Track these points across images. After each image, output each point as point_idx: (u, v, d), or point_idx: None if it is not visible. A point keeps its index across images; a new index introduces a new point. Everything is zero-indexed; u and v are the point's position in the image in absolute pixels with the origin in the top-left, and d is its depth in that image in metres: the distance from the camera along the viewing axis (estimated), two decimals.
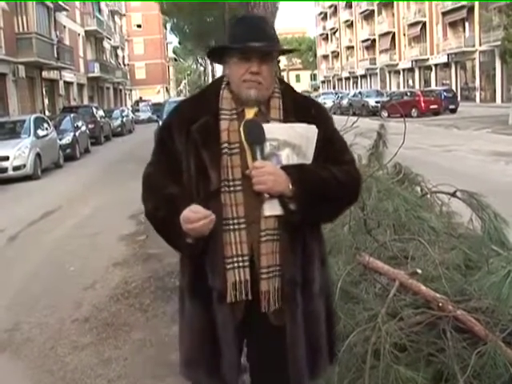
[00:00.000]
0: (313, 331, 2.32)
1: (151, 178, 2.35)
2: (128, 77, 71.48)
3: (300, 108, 2.32)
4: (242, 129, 2.23)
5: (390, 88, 62.47)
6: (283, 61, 79.66)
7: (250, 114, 2.29)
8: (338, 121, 2.94)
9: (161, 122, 2.80)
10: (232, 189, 2.21)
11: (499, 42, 31.28)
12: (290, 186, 2.17)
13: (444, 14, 51.93)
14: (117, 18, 69.23)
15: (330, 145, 2.32)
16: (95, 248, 8.45)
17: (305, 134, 2.24)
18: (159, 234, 2.37)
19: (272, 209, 2.21)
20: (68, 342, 5.02)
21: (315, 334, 2.33)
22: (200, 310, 2.30)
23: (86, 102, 45.15)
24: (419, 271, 3.25)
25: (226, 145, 2.23)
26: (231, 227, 2.22)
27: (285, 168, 2.20)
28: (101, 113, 33.18)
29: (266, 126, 2.21)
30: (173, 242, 2.31)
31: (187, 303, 2.38)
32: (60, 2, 36.66)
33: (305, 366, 2.29)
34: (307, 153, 2.25)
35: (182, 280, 2.43)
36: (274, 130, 2.22)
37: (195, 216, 2.12)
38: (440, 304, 3.02)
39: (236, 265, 2.22)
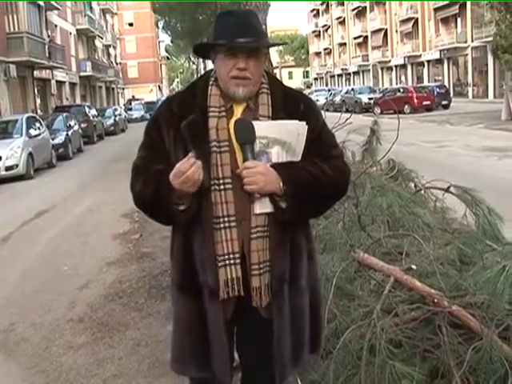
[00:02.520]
0: (298, 325, 2.34)
1: (139, 167, 2.33)
2: (120, 75, 71.26)
3: (289, 103, 2.31)
4: (232, 129, 2.22)
5: (383, 84, 62.54)
6: (276, 58, 79.73)
7: (238, 110, 2.28)
8: (331, 118, 2.94)
9: None
10: (222, 187, 2.21)
11: (491, 38, 31.30)
12: (281, 185, 2.18)
13: (436, 10, 51.98)
14: (108, 17, 68.97)
15: (319, 140, 2.32)
16: (89, 247, 8.42)
17: (295, 131, 2.23)
18: (151, 212, 2.34)
19: (263, 206, 2.21)
20: (63, 342, 5.00)
21: (300, 328, 2.36)
22: (190, 306, 2.31)
23: (78, 101, 45.00)
24: (414, 267, 3.25)
25: (215, 143, 2.22)
26: (222, 225, 2.22)
27: (275, 166, 2.20)
28: (93, 112, 33.09)
29: (255, 123, 2.21)
30: (165, 215, 2.27)
31: (177, 299, 2.39)
32: (51, 1, 36.47)
33: (289, 358, 2.32)
34: (297, 149, 2.25)
35: (173, 277, 2.44)
36: (264, 128, 2.21)
37: (184, 165, 2.09)
38: (435, 300, 3.01)
39: (227, 262, 2.23)
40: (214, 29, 2.28)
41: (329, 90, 56.84)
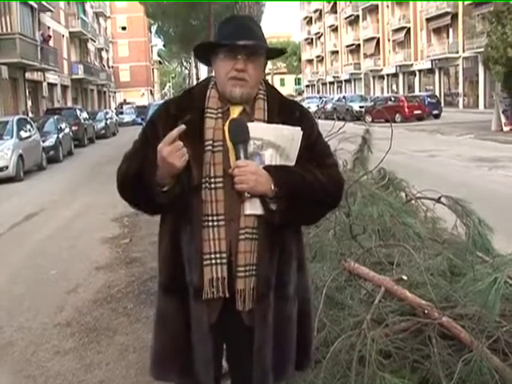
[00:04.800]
0: (282, 334, 2.30)
1: (128, 154, 2.33)
2: (112, 79, 71.22)
3: (284, 110, 2.32)
4: (226, 127, 2.23)
5: (374, 93, 62.78)
6: (268, 64, 79.82)
7: (234, 113, 2.29)
8: (323, 125, 2.93)
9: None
10: (213, 186, 2.21)
11: (482, 49, 31.51)
12: (272, 187, 2.18)
13: (428, 20, 52.30)
14: (101, 20, 69.00)
15: (314, 148, 2.32)
16: (78, 251, 8.37)
17: (290, 136, 2.23)
18: (132, 192, 2.30)
19: (253, 208, 2.20)
20: (50, 347, 4.96)
21: (284, 338, 2.31)
22: (175, 307, 2.29)
23: (69, 103, 44.93)
24: (405, 277, 3.25)
25: (209, 142, 2.23)
26: (210, 223, 2.21)
27: (267, 168, 2.20)
28: (84, 115, 32.99)
29: (251, 125, 2.22)
30: (146, 195, 2.23)
31: (162, 301, 2.37)
32: (44, 3, 36.39)
33: (270, 368, 2.28)
34: (290, 154, 2.25)
35: (159, 279, 2.42)
36: (260, 130, 2.22)
37: (174, 132, 2.09)
38: (425, 311, 3.01)
39: (213, 261, 2.22)
40: (216, 34, 2.30)
41: (320, 98, 56.95)
